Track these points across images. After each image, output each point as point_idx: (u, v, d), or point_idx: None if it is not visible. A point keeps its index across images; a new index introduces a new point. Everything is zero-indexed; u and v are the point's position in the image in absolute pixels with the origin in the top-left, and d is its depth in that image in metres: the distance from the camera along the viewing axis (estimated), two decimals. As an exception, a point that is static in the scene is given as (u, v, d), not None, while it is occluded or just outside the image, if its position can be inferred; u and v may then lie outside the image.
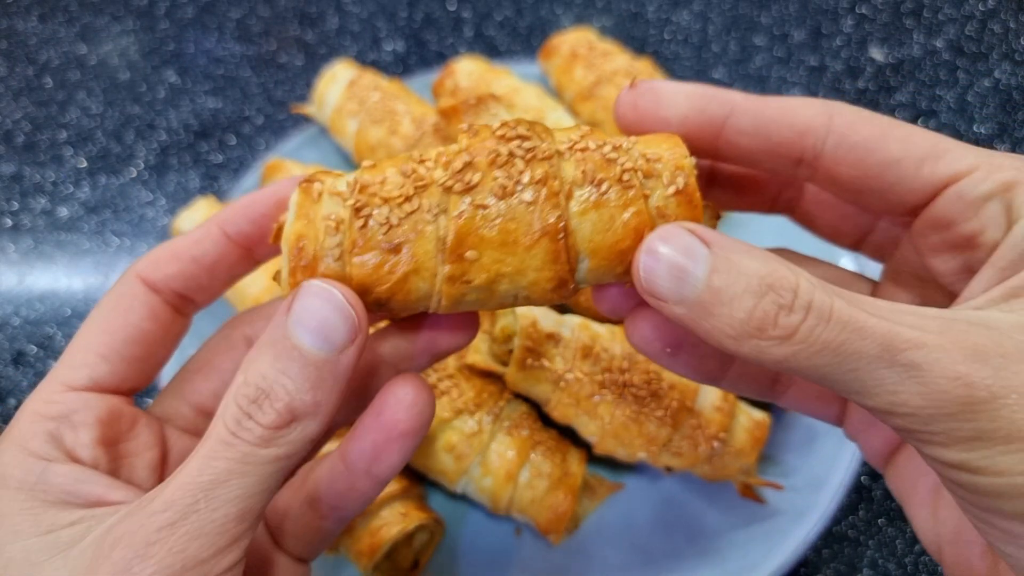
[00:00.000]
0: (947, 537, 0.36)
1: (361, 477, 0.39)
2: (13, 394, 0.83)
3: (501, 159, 0.35)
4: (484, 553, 0.67)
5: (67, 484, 0.34)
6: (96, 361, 0.38)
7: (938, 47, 1.10)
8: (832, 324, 0.29)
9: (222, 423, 0.33)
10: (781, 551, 0.63)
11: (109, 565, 0.30)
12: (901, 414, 0.28)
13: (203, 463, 0.32)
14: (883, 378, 0.28)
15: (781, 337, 0.29)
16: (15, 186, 1.02)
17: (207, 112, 1.09)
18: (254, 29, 1.21)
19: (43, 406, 0.37)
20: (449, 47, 1.16)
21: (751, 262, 0.31)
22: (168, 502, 0.31)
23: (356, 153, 0.88)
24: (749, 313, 0.30)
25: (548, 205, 0.34)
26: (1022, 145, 0.98)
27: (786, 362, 0.30)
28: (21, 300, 0.91)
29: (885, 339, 0.28)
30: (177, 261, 0.40)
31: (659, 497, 0.69)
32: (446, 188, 0.35)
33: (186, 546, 0.30)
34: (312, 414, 0.33)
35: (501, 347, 0.69)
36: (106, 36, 1.21)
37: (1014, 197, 0.32)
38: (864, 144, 0.35)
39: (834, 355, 0.29)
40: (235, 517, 0.31)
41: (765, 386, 0.42)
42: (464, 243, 0.34)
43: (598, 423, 0.64)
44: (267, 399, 0.33)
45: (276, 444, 0.32)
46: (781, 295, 0.30)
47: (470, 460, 0.65)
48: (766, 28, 1.15)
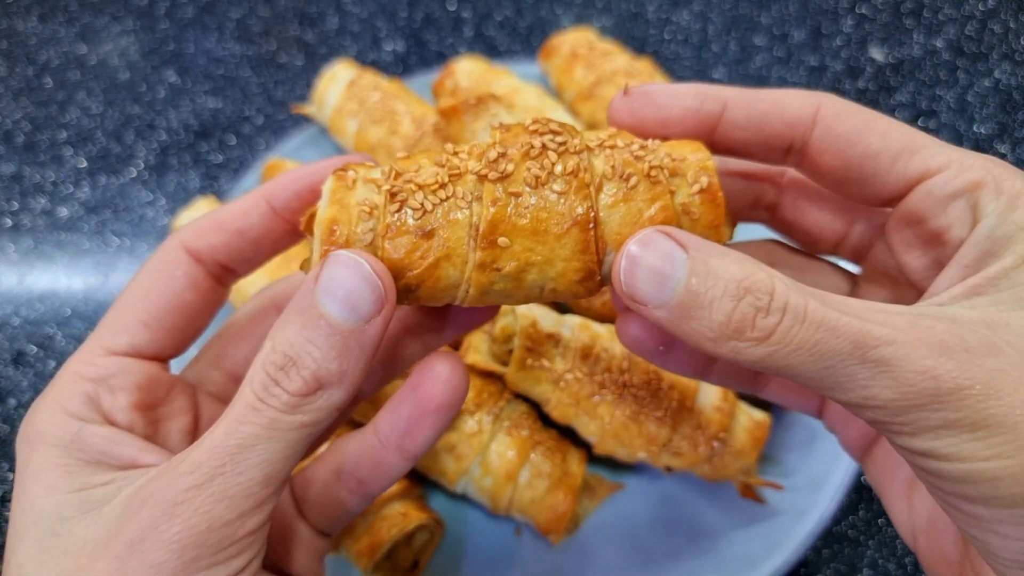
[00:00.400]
0: (921, 526, 0.37)
1: (392, 451, 0.39)
2: (13, 394, 0.83)
3: (534, 151, 0.36)
4: (484, 553, 0.67)
5: (102, 445, 0.35)
6: (137, 327, 0.39)
7: (938, 47, 1.10)
8: (807, 324, 0.30)
9: (250, 389, 0.33)
10: (781, 551, 0.63)
11: (137, 523, 0.31)
12: (873, 407, 0.29)
13: (231, 427, 0.32)
14: (855, 374, 0.29)
15: (759, 339, 0.31)
16: (15, 186, 1.02)
17: (207, 112, 1.09)
18: (254, 29, 1.21)
19: (83, 367, 0.37)
20: (449, 47, 1.16)
21: (729, 265, 0.32)
22: (196, 464, 0.31)
23: (356, 153, 0.88)
24: (728, 316, 0.31)
25: (579, 196, 0.35)
26: (1022, 145, 0.98)
27: (762, 362, 0.31)
28: (21, 300, 0.91)
29: (857, 337, 0.29)
30: (222, 232, 0.41)
31: (659, 497, 0.69)
32: (480, 176, 0.35)
33: (212, 507, 0.31)
34: (338, 383, 0.33)
35: (501, 347, 0.69)
36: (106, 36, 1.20)
37: (980, 196, 0.33)
38: (846, 136, 0.36)
39: (809, 354, 0.30)
40: (260, 481, 0.32)
41: (748, 379, 0.44)
42: (497, 230, 0.35)
43: (598, 423, 0.64)
44: (294, 367, 0.33)
45: (302, 411, 0.33)
46: (758, 298, 0.31)
47: (470, 460, 0.65)
48: (766, 28, 1.15)
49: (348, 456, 0.41)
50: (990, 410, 0.28)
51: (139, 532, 0.30)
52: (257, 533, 0.32)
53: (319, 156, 0.93)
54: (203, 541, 0.30)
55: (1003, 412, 0.28)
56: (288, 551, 0.41)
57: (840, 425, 0.43)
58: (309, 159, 0.91)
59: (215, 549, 0.31)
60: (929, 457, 0.29)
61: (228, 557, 0.31)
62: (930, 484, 0.31)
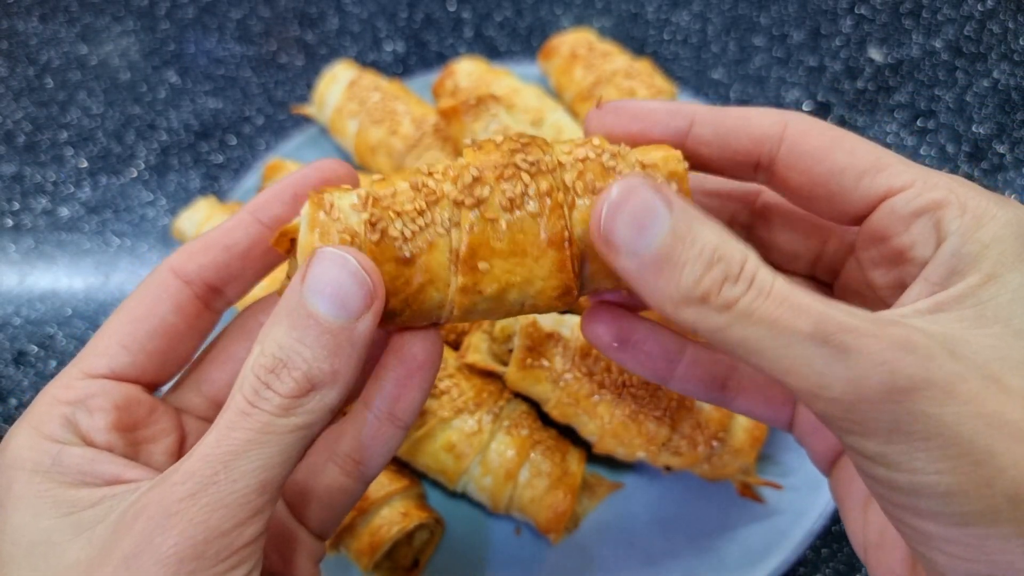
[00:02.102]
0: (872, 541, 0.37)
1: (385, 422, 0.39)
2: (14, 394, 0.83)
3: (508, 173, 0.36)
4: (484, 552, 0.67)
5: (83, 464, 0.34)
6: (117, 351, 0.38)
7: (937, 47, 1.10)
8: (771, 299, 0.29)
9: (240, 394, 0.32)
10: (780, 550, 0.63)
11: (130, 538, 0.30)
12: (825, 398, 0.28)
13: (222, 434, 0.31)
14: (812, 358, 0.28)
15: (721, 307, 0.30)
16: (16, 186, 1.02)
17: (208, 112, 1.09)
18: (255, 30, 1.21)
19: (60, 391, 0.37)
20: (449, 48, 1.16)
21: (708, 232, 0.31)
22: (188, 473, 0.31)
23: (356, 153, 0.88)
24: (696, 280, 0.31)
25: (554, 216, 0.36)
26: (1021, 145, 0.98)
27: (720, 332, 0.30)
28: (22, 300, 0.91)
29: (820, 320, 0.28)
30: (209, 251, 0.40)
31: (658, 496, 0.69)
32: (457, 202, 0.36)
33: (207, 517, 0.30)
34: (331, 383, 0.33)
35: (501, 347, 0.69)
36: (107, 37, 1.21)
37: (943, 216, 0.33)
38: (812, 153, 0.36)
39: (768, 329, 0.29)
40: (256, 488, 0.31)
41: (713, 388, 0.43)
42: (476, 255, 0.36)
43: (597, 422, 0.65)
44: (284, 368, 0.32)
45: (295, 413, 0.32)
46: (729, 266, 0.30)
47: (470, 459, 0.65)
48: (765, 29, 1.15)
49: (342, 439, 0.40)
50: (946, 417, 0.27)
51: (133, 547, 0.30)
52: (255, 543, 0.32)
53: (319, 156, 0.92)
54: (200, 553, 0.30)
55: (958, 422, 0.27)
56: (285, 558, 0.40)
57: (808, 436, 0.42)
58: (310, 159, 0.91)
59: (213, 561, 0.30)
60: (878, 463, 0.28)
61: (226, 569, 0.30)
62: (879, 495, 0.30)
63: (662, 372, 0.42)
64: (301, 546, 0.41)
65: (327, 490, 0.41)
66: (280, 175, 0.84)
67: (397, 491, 0.65)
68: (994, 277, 0.31)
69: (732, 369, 0.42)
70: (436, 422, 0.65)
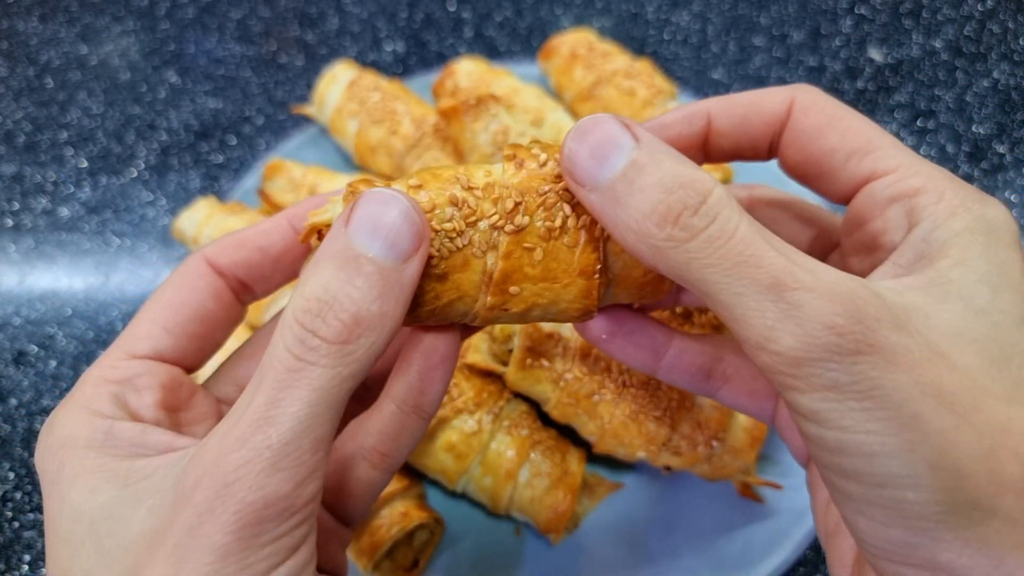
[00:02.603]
0: (831, 528, 0.37)
1: (410, 414, 0.39)
2: (14, 394, 0.83)
3: (549, 202, 0.36)
4: (484, 552, 0.67)
5: (135, 437, 0.34)
6: (160, 334, 0.38)
7: (937, 47, 1.10)
8: (733, 242, 0.29)
9: (282, 347, 0.31)
10: (780, 550, 0.63)
11: (192, 508, 0.30)
12: (771, 351, 0.28)
13: (270, 396, 0.30)
14: (765, 310, 0.28)
15: (680, 239, 0.30)
16: (16, 186, 1.02)
17: (208, 112, 1.09)
18: (254, 30, 1.21)
19: (107, 371, 0.37)
20: (449, 48, 1.16)
21: (672, 161, 0.31)
22: (240, 440, 0.30)
23: (356, 153, 0.88)
24: (654, 206, 0.30)
25: (588, 249, 0.36)
26: (1021, 145, 0.98)
27: (679, 269, 0.30)
28: (22, 300, 0.91)
29: (779, 274, 0.28)
30: (244, 249, 0.41)
31: (658, 496, 0.69)
32: (496, 226, 0.36)
33: (265, 483, 0.29)
34: (379, 327, 0.32)
35: (501, 347, 0.69)
36: (107, 37, 1.21)
37: (918, 203, 0.33)
38: (808, 131, 0.37)
39: (726, 274, 0.29)
40: (309, 449, 0.30)
41: (700, 378, 0.43)
42: (509, 280, 0.36)
43: (597, 422, 0.65)
44: (331, 310, 0.31)
45: (343, 362, 0.31)
46: (690, 195, 0.30)
47: (470, 459, 0.65)
48: (765, 29, 1.15)
49: (368, 433, 0.40)
50: (882, 380, 0.27)
51: (196, 517, 0.29)
52: (313, 501, 0.31)
53: (320, 156, 0.93)
54: (262, 518, 0.29)
55: (894, 387, 0.27)
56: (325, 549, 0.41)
57: (788, 429, 0.42)
58: (310, 160, 0.91)
59: (275, 523, 0.29)
60: (812, 420, 0.28)
61: (289, 529, 0.30)
62: (815, 456, 0.30)
63: (649, 362, 0.43)
64: (331, 533, 0.41)
65: (356, 483, 0.41)
66: (280, 175, 0.84)
67: (397, 491, 0.65)
68: (962, 262, 0.31)
69: (717, 360, 0.43)
70: (436, 422, 0.65)
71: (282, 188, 0.84)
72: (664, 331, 0.43)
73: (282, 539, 0.30)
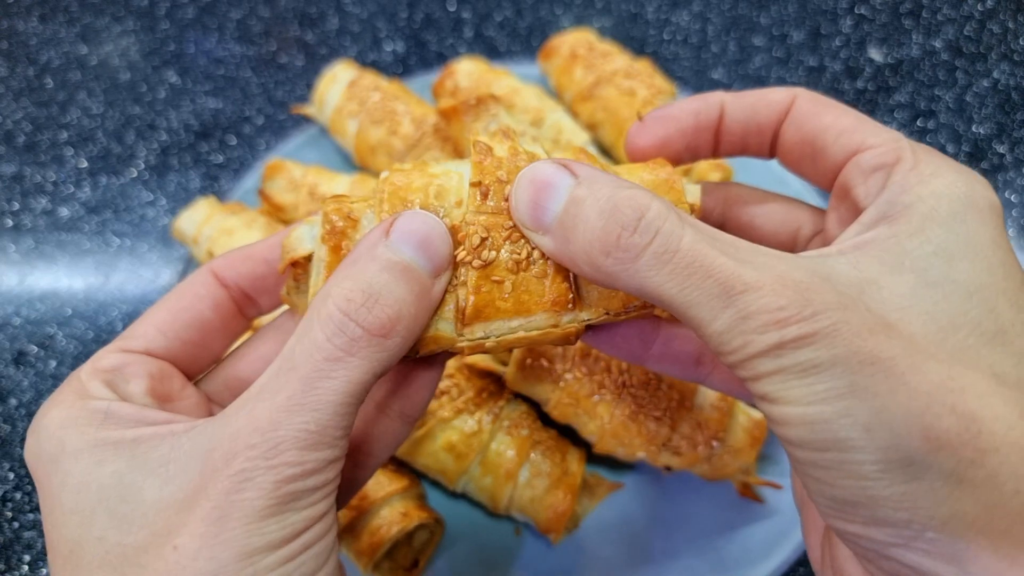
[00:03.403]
0: (803, 498, 0.39)
1: (394, 418, 0.41)
2: (14, 394, 0.83)
3: (515, 235, 0.37)
4: (484, 552, 0.67)
5: (135, 414, 0.35)
6: (154, 334, 0.40)
7: (937, 47, 1.10)
8: (680, 255, 0.31)
9: (323, 337, 0.32)
10: (780, 550, 0.63)
11: (230, 478, 0.31)
12: (726, 352, 0.30)
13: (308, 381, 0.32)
14: (715, 317, 0.30)
15: (626, 260, 0.31)
16: (16, 186, 1.02)
17: (208, 112, 1.09)
18: (254, 30, 1.21)
19: (98, 362, 0.38)
20: (449, 48, 1.16)
21: (611, 188, 0.33)
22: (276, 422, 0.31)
23: (356, 153, 0.88)
24: (595, 233, 0.32)
25: (558, 279, 0.37)
26: (1020, 145, 0.98)
27: (636, 289, 0.32)
28: (22, 300, 0.91)
29: (727, 279, 0.30)
30: (250, 261, 0.42)
31: (658, 496, 0.69)
32: (464, 262, 0.37)
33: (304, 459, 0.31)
34: (412, 329, 0.34)
35: (501, 347, 0.69)
36: (107, 37, 1.21)
37: (895, 170, 0.35)
38: (806, 114, 0.40)
39: (678, 286, 0.31)
40: (340, 435, 0.33)
41: (688, 364, 0.44)
42: (480, 314, 0.37)
43: (597, 422, 0.65)
44: (376, 303, 0.33)
45: (378, 357, 0.33)
46: (625, 214, 0.31)
47: (470, 459, 0.65)
48: (765, 29, 1.15)
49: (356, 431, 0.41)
50: (822, 357, 0.29)
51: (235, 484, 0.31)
52: (338, 477, 0.34)
53: (320, 157, 0.93)
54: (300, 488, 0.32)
55: (831, 363, 0.29)
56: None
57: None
58: (310, 160, 0.91)
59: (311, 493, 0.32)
60: (766, 401, 0.30)
61: (322, 497, 0.33)
62: (774, 432, 0.32)
63: (637, 352, 0.43)
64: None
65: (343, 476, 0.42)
66: (280, 175, 0.84)
67: (397, 491, 0.65)
68: (921, 231, 0.33)
69: (704, 346, 0.44)
70: (436, 422, 0.65)
71: (282, 188, 0.84)
72: (650, 320, 0.43)
73: (315, 506, 0.32)
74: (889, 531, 0.29)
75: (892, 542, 0.29)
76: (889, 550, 0.30)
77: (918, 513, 0.28)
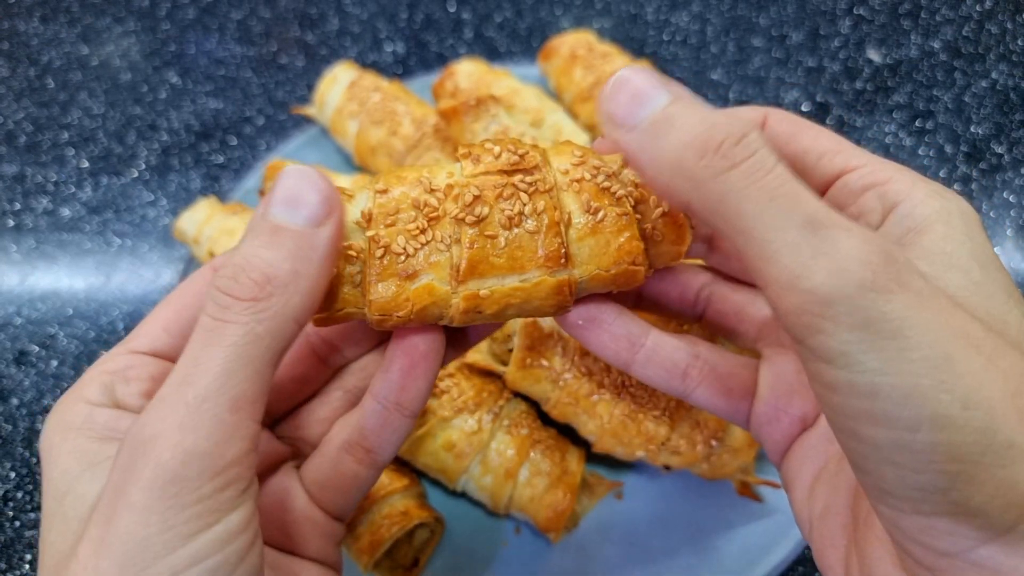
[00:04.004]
0: (817, 512, 0.38)
1: (393, 411, 0.41)
2: (15, 393, 0.83)
3: (507, 192, 0.38)
4: (484, 551, 0.68)
5: (109, 421, 0.36)
6: (158, 333, 0.40)
7: (935, 48, 1.10)
8: (772, 176, 0.30)
9: (204, 314, 0.33)
10: (779, 549, 0.63)
11: (117, 471, 0.31)
12: (802, 289, 0.28)
13: (187, 358, 0.32)
14: (799, 245, 0.28)
15: (720, 167, 0.30)
16: (17, 186, 1.02)
17: (208, 113, 1.09)
18: (255, 30, 1.21)
19: (106, 363, 0.39)
20: (449, 48, 1.16)
21: (709, 107, 0.33)
22: (160, 399, 0.32)
23: (357, 154, 0.89)
24: (695, 135, 0.31)
25: (550, 233, 0.38)
26: (1019, 145, 0.98)
27: (715, 201, 0.31)
28: (23, 300, 0.91)
29: (815, 212, 0.29)
30: None
31: (658, 495, 0.69)
32: (458, 219, 0.38)
33: (180, 440, 0.30)
34: (292, 284, 0.34)
35: (501, 346, 0.69)
36: (108, 37, 1.21)
37: (889, 188, 0.36)
38: (783, 135, 0.40)
39: (764, 207, 0.29)
40: (227, 407, 0.31)
41: (675, 375, 0.43)
42: (475, 270, 0.37)
43: (597, 422, 0.65)
44: (243, 272, 0.33)
45: (256, 319, 0.33)
46: (732, 127, 0.31)
47: (470, 459, 0.65)
48: (764, 29, 1.16)
49: (353, 428, 0.42)
50: (914, 320, 0.27)
51: (119, 479, 0.30)
52: (240, 463, 0.32)
53: (320, 157, 0.93)
54: (179, 475, 0.30)
55: (926, 327, 0.27)
56: (301, 537, 0.42)
57: (764, 427, 0.42)
58: (310, 160, 0.92)
59: (196, 482, 0.30)
60: (840, 367, 0.28)
61: (214, 490, 0.30)
62: (837, 408, 0.29)
63: (624, 355, 0.42)
64: (316, 525, 0.42)
65: (341, 478, 0.42)
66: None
67: (397, 490, 0.65)
68: (950, 238, 0.33)
69: (695, 356, 0.43)
70: (436, 421, 0.66)
71: (283, 188, 0.84)
72: (641, 324, 0.43)
73: (206, 501, 0.30)
74: (980, 522, 0.27)
75: (980, 537, 0.27)
76: (973, 551, 0.27)
77: (1015, 500, 0.26)
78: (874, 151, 0.40)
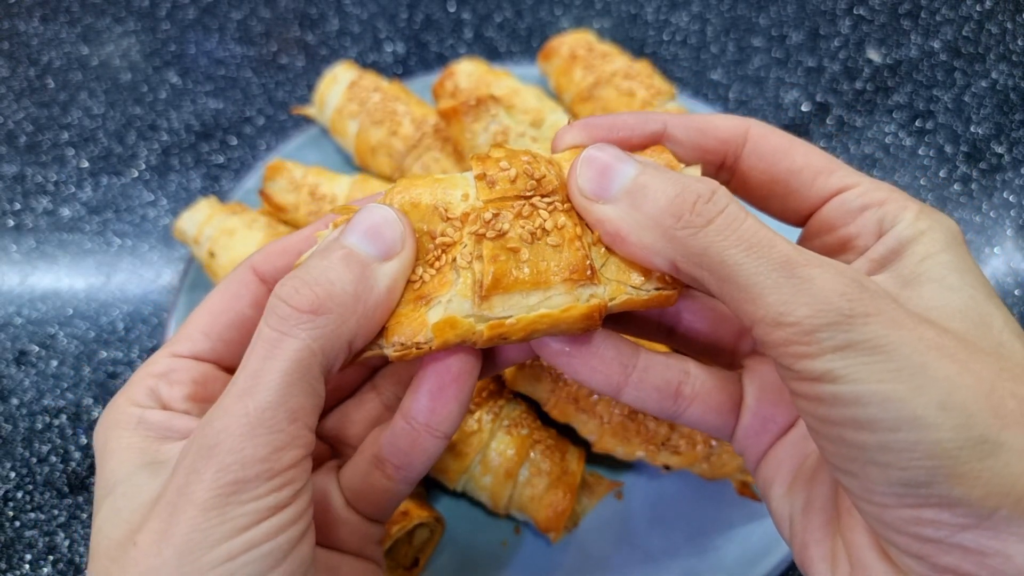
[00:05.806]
0: (799, 508, 0.39)
1: (422, 432, 0.41)
2: (15, 393, 0.83)
3: (525, 211, 0.38)
4: (484, 550, 0.68)
5: (163, 422, 0.38)
6: (199, 337, 0.42)
7: (935, 48, 1.11)
8: (746, 226, 0.33)
9: (265, 325, 0.35)
10: (779, 549, 0.64)
11: (181, 472, 0.33)
12: (787, 323, 0.31)
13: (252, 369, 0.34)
14: (780, 286, 0.31)
15: (697, 224, 0.34)
16: (17, 186, 1.02)
17: (208, 113, 1.10)
18: (255, 30, 1.21)
19: (151, 367, 0.41)
20: (449, 49, 1.16)
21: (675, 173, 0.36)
22: (223, 409, 0.33)
23: (357, 154, 0.89)
24: (670, 200, 0.35)
25: (573, 247, 0.37)
26: (1019, 146, 0.98)
27: (698, 255, 0.34)
28: (23, 300, 0.91)
29: (789, 254, 0.32)
30: (286, 255, 0.44)
31: (658, 495, 0.69)
32: (478, 235, 0.37)
33: (242, 447, 0.32)
34: (351, 307, 0.35)
35: (501, 346, 0.69)
36: (108, 37, 1.21)
37: (887, 211, 0.38)
38: (773, 153, 0.41)
39: (743, 254, 0.32)
40: (286, 418, 0.33)
41: (667, 396, 0.42)
42: (499, 284, 0.36)
43: (597, 422, 0.65)
44: (307, 286, 0.35)
45: (312, 335, 0.34)
46: (700, 188, 0.35)
47: (470, 458, 0.66)
48: (764, 29, 1.16)
49: (383, 445, 0.42)
50: (890, 337, 0.30)
51: (184, 478, 0.33)
52: (296, 466, 0.34)
53: (320, 157, 0.94)
54: (240, 478, 0.32)
55: (900, 342, 0.30)
56: (340, 536, 0.43)
57: (746, 440, 0.42)
58: (311, 160, 0.92)
59: (255, 484, 0.32)
60: (826, 382, 0.30)
61: (269, 491, 0.33)
62: (822, 419, 0.32)
63: (617, 379, 0.41)
64: (355, 527, 0.43)
65: (373, 488, 0.43)
66: (281, 176, 0.84)
67: (397, 490, 0.65)
68: (929, 255, 0.35)
69: (686, 374, 0.42)
70: (436, 421, 0.66)
71: (283, 189, 0.84)
72: (629, 343, 0.42)
73: (263, 499, 0.32)
74: (962, 511, 0.29)
75: (963, 523, 0.29)
76: (957, 535, 0.29)
77: (994, 490, 0.29)
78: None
